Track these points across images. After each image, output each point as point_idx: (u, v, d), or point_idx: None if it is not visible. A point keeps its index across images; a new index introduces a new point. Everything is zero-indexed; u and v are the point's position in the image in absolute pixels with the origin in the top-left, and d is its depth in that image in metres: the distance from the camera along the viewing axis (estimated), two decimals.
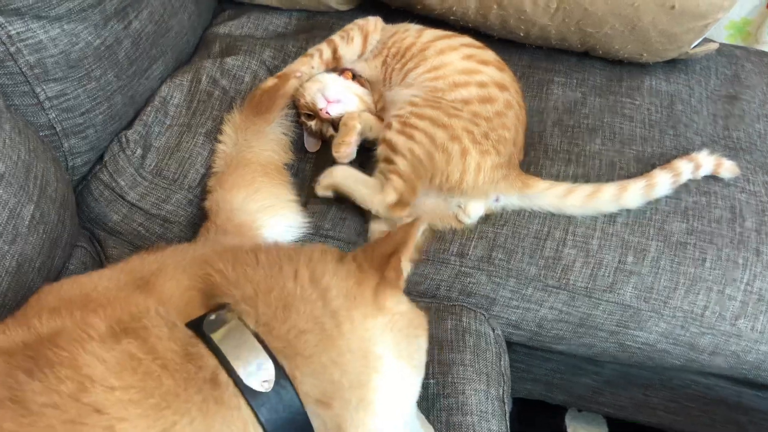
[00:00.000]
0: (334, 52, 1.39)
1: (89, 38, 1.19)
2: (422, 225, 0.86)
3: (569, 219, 1.29)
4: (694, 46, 1.51)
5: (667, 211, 1.31)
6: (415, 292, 1.26)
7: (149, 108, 1.37)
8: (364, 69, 1.40)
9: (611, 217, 1.29)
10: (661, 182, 1.29)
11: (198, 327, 0.73)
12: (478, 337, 1.15)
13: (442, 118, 1.22)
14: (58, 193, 1.12)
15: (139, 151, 1.33)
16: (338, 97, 1.33)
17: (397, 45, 1.38)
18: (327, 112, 1.32)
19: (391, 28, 1.43)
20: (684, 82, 1.52)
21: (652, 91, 1.50)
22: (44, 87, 1.14)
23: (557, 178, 1.34)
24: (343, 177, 1.28)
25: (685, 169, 1.31)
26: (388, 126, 1.26)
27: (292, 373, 0.72)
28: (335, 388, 0.75)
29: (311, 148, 1.38)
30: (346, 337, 0.76)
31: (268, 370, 0.71)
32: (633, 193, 1.28)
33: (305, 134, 1.40)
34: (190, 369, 0.70)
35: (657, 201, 1.31)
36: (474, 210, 1.26)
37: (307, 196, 1.33)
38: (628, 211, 1.30)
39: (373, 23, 1.42)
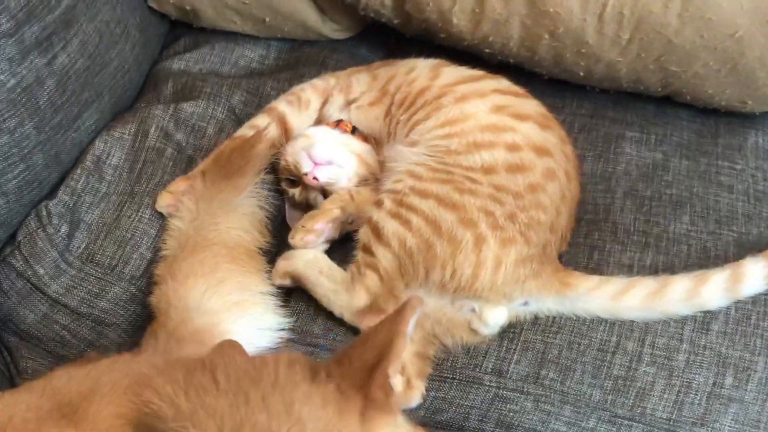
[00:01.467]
0: (282, 122, 1.50)
1: (1, 77, 1.29)
2: (414, 314, 0.92)
3: (645, 326, 1.37)
4: None
5: None
6: (434, 423, 1.33)
7: (79, 170, 1.46)
8: (360, 120, 1.50)
9: (703, 324, 1.37)
10: (751, 273, 1.35)
11: None
12: None
13: (452, 195, 1.30)
14: None
15: (64, 229, 1.41)
16: (329, 157, 1.42)
17: (404, 89, 1.47)
18: (314, 178, 1.41)
19: (387, 68, 1.54)
20: None
21: (759, 152, 1.59)
22: None
23: (631, 269, 1.42)
24: (305, 264, 1.36)
25: None
26: (378, 204, 1.33)
27: None
28: None
29: (293, 223, 1.47)
30: None
31: None
32: (713, 289, 1.34)
33: (287, 206, 1.48)
34: None
35: (766, 302, 1.39)
36: (493, 317, 1.33)
37: (287, 296, 1.41)
38: (726, 314, 1.37)
39: (332, 84, 1.54)
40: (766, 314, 1.38)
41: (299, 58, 1.73)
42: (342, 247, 1.43)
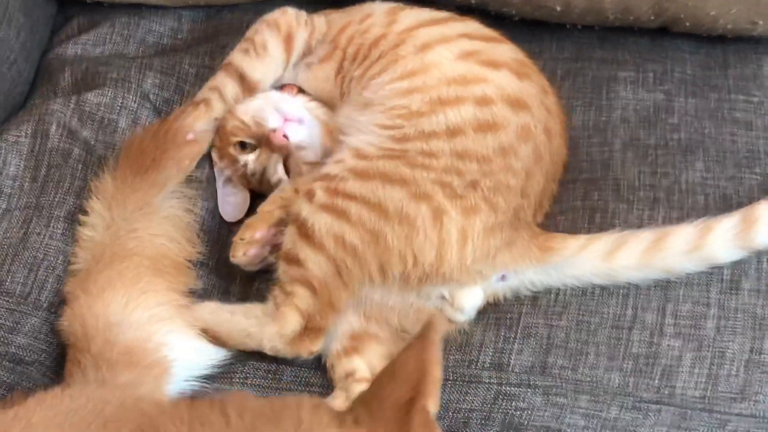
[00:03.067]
0: (241, 79, 1.60)
1: None
2: (439, 332, 1.01)
3: (665, 292, 1.48)
4: None
5: None
6: None
7: None
8: (309, 80, 1.62)
9: (731, 283, 1.49)
10: (765, 217, 1.46)
11: None
12: None
13: (401, 170, 1.40)
14: None
15: None
16: (301, 115, 1.54)
17: (357, 40, 1.58)
18: (284, 135, 1.52)
19: (341, 15, 1.65)
20: None
21: None
22: None
23: (639, 228, 1.53)
24: (210, 313, 1.46)
25: None
26: (308, 196, 1.42)
27: None
28: None
29: (232, 214, 1.58)
30: None
31: None
32: (721, 238, 1.45)
33: (220, 190, 1.59)
34: None
35: None
36: (468, 301, 1.44)
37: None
38: (757, 269, 1.50)
39: (293, 16, 1.64)
40: None
41: (218, 27, 1.83)
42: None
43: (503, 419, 1.44)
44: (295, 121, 1.53)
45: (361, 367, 1.43)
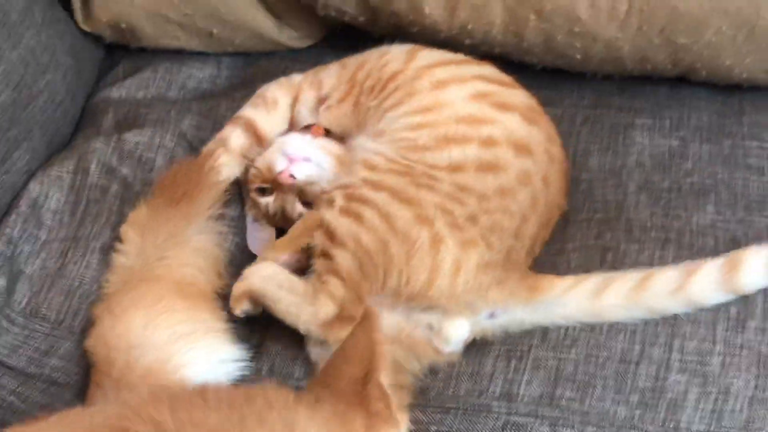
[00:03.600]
0: (251, 129, 1.65)
1: None
2: (377, 318, 1.06)
3: (672, 329, 1.48)
4: None
5: None
6: None
7: (14, 217, 1.61)
8: (331, 120, 1.65)
9: (738, 321, 1.49)
10: (751, 263, 1.46)
11: None
12: None
13: (407, 189, 1.43)
14: None
15: (1, 282, 1.55)
16: (305, 153, 1.57)
17: (374, 75, 1.62)
18: (290, 175, 1.55)
19: (357, 56, 1.70)
20: None
21: None
22: None
23: (650, 268, 1.55)
24: (262, 279, 1.48)
25: None
26: (329, 203, 1.46)
27: None
28: None
29: (259, 248, 1.60)
30: None
31: None
32: (704, 280, 1.45)
33: (249, 227, 1.62)
34: None
35: None
36: (454, 332, 1.45)
37: (260, 338, 1.55)
38: (764, 308, 1.50)
39: (302, 79, 1.71)
40: None
41: (256, 74, 1.87)
42: None
43: None
44: (300, 160, 1.56)
45: None
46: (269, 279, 1.48)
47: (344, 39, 1.87)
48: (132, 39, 1.90)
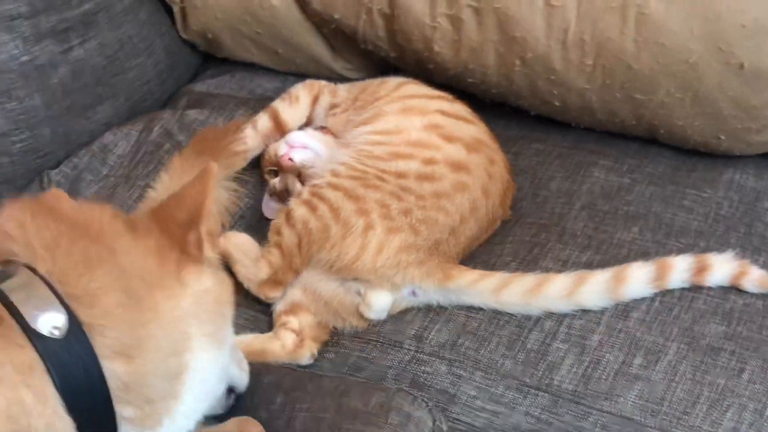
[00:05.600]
0: (275, 117, 1.79)
1: (15, 51, 1.66)
2: (215, 176, 1.17)
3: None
4: None
5: (704, 310, 1.53)
6: (354, 378, 1.55)
7: (84, 151, 1.80)
8: (334, 127, 1.78)
9: (624, 310, 1.53)
10: (635, 278, 1.52)
11: None
12: (406, 420, 1.42)
13: (357, 189, 1.55)
14: None
15: None
16: (303, 142, 1.72)
17: (366, 97, 1.76)
18: (289, 158, 1.69)
19: (368, 81, 1.84)
20: None
21: (732, 186, 1.76)
22: None
23: (565, 264, 1.60)
24: (234, 246, 1.61)
25: (680, 267, 1.53)
26: (298, 195, 1.60)
27: (89, 321, 1.03)
28: (140, 344, 1.06)
29: (270, 213, 1.75)
30: (154, 308, 1.08)
31: (58, 316, 1.02)
32: (592, 289, 1.52)
33: (265, 197, 1.77)
34: None
35: (693, 298, 1.56)
36: (376, 301, 1.55)
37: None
38: (649, 305, 1.54)
39: (324, 84, 1.84)
40: (690, 308, 1.54)
41: None
42: None
43: (412, 378, 1.53)
44: (299, 147, 1.70)
45: (292, 322, 1.57)
46: (239, 246, 1.63)
47: (387, 73, 1.96)
48: (216, 48, 2.07)
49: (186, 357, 1.11)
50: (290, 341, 1.55)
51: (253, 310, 1.64)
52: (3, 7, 1.65)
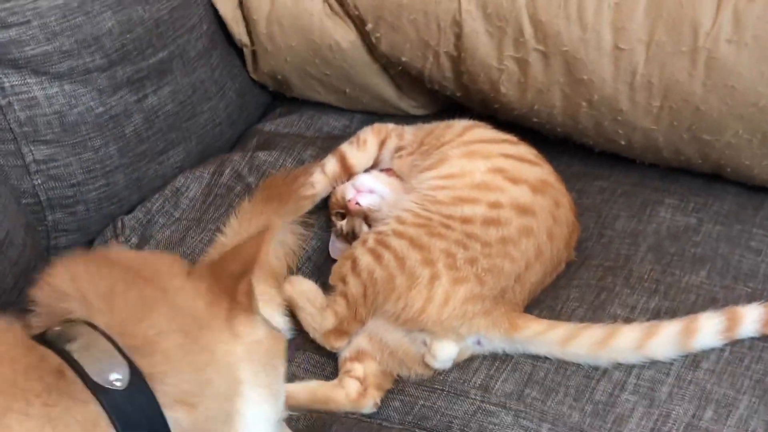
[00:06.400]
0: (342, 160, 1.73)
1: (91, 103, 1.62)
2: (274, 236, 1.13)
3: None
4: None
5: None
6: (420, 429, 1.49)
7: (157, 196, 1.76)
8: (400, 169, 1.72)
9: (694, 361, 1.45)
10: (705, 330, 1.44)
11: (41, 337, 1.02)
12: None
13: (422, 237, 1.48)
14: (21, 260, 1.53)
15: (134, 240, 1.70)
16: (370, 186, 1.66)
17: (432, 141, 1.69)
18: (356, 203, 1.64)
19: (435, 124, 1.76)
20: None
21: None
22: (32, 148, 1.58)
23: (633, 310, 1.53)
24: (298, 293, 1.56)
25: (750, 318, 1.45)
26: (363, 242, 1.53)
27: (150, 371, 1.00)
28: (200, 390, 1.03)
29: (337, 254, 1.69)
30: (210, 350, 1.05)
31: (120, 367, 0.99)
32: (662, 341, 1.44)
33: (331, 238, 1.72)
34: (32, 360, 0.99)
35: (763, 348, 1.48)
36: (442, 351, 1.48)
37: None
38: (719, 355, 1.46)
39: (392, 128, 1.77)
40: (760, 359, 1.46)
41: None
42: None
43: (478, 429, 1.46)
44: (366, 191, 1.65)
45: (357, 369, 1.51)
46: (303, 293, 1.58)
47: (458, 112, 1.90)
48: (286, 89, 2.02)
49: (238, 403, 1.08)
50: (354, 390, 1.49)
51: (319, 354, 1.59)
52: (79, 61, 1.61)
